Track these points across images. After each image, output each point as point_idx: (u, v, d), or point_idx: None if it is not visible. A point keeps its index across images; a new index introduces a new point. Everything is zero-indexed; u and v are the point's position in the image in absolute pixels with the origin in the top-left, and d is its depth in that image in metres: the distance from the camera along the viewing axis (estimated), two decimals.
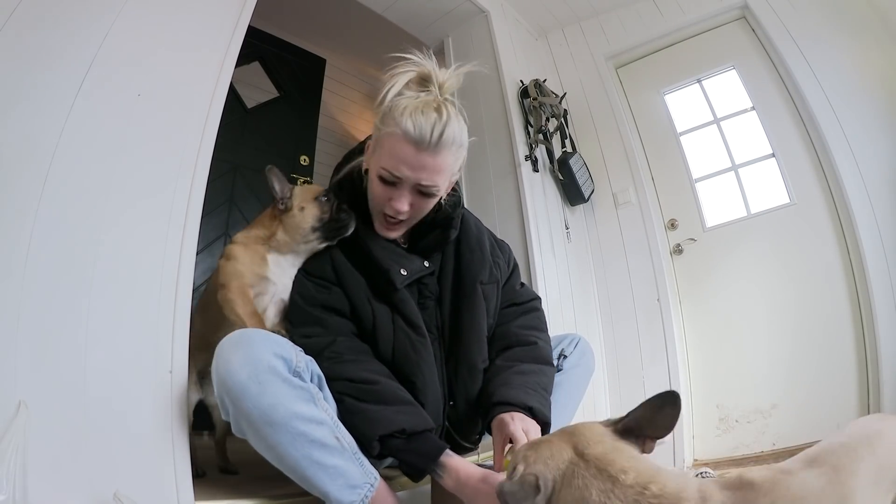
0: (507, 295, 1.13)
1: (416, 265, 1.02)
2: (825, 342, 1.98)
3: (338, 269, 1.01)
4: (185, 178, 1.04)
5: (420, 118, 0.87)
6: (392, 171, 0.90)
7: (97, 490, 0.78)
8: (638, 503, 0.46)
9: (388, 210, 0.95)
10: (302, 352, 0.86)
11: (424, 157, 0.89)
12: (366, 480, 0.85)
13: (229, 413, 0.81)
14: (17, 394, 0.74)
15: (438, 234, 1.05)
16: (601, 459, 0.51)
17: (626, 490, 0.47)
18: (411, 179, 0.91)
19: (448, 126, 0.88)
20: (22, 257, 0.80)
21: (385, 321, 0.98)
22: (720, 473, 1.70)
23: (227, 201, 2.63)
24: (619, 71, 2.65)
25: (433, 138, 0.87)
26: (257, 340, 0.81)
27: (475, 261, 1.07)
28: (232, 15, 1.27)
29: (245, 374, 0.77)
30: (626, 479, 0.48)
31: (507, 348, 1.04)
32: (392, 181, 0.92)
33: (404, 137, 0.88)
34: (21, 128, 0.85)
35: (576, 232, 2.40)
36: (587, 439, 0.54)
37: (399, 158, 0.89)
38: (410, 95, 0.92)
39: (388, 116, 0.90)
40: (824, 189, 2.08)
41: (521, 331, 1.07)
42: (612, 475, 0.49)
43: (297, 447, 0.79)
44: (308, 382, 0.83)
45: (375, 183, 0.95)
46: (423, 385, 0.97)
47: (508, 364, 1.00)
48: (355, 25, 2.95)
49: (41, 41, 0.91)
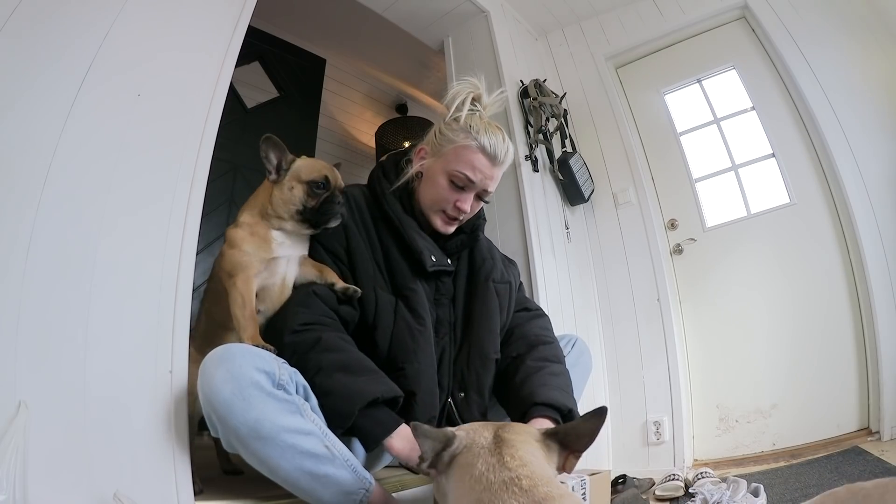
0: (520, 302, 1.22)
1: (443, 259, 1.11)
2: (825, 342, 1.99)
3: (351, 252, 1.06)
4: (184, 178, 1.04)
5: (494, 138, 1.07)
6: (470, 176, 1.06)
7: (97, 490, 0.78)
8: (505, 483, 0.53)
9: (451, 210, 1.09)
10: (286, 363, 0.87)
11: (496, 169, 1.08)
12: (360, 486, 0.85)
13: (218, 430, 0.81)
14: (17, 394, 0.74)
15: (465, 238, 1.17)
16: (505, 445, 0.59)
17: (505, 472, 0.55)
18: (480, 185, 1.08)
19: (510, 147, 1.10)
20: (22, 257, 0.80)
21: (387, 309, 1.02)
22: (720, 474, 1.70)
23: (227, 201, 2.63)
24: (619, 71, 2.65)
25: (502, 155, 1.08)
26: (239, 356, 0.81)
27: (486, 263, 1.17)
28: (232, 15, 1.27)
29: (229, 390, 0.77)
30: (510, 463, 0.56)
31: (533, 347, 1.10)
32: (463, 185, 1.07)
33: (481, 151, 1.05)
34: (21, 128, 0.85)
35: (576, 232, 2.40)
36: (511, 430, 0.63)
37: (476, 167, 1.06)
38: (472, 110, 1.09)
39: (461, 130, 1.07)
40: (824, 189, 2.08)
41: (541, 332, 1.16)
42: (503, 456, 0.57)
43: (288, 459, 0.80)
44: (293, 394, 0.83)
45: (443, 185, 1.07)
46: (415, 373, 0.99)
47: (540, 364, 1.05)
48: (355, 25, 2.95)
49: (41, 41, 0.91)
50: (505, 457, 0.56)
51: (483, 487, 0.54)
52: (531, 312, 1.22)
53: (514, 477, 0.53)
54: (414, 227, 1.09)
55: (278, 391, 0.81)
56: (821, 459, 1.69)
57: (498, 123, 1.12)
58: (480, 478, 0.55)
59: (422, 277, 1.07)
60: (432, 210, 1.10)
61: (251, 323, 0.94)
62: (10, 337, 0.77)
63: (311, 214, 1.02)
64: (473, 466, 0.56)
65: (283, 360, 0.88)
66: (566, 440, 0.65)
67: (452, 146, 1.07)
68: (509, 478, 0.53)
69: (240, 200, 2.63)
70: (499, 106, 1.16)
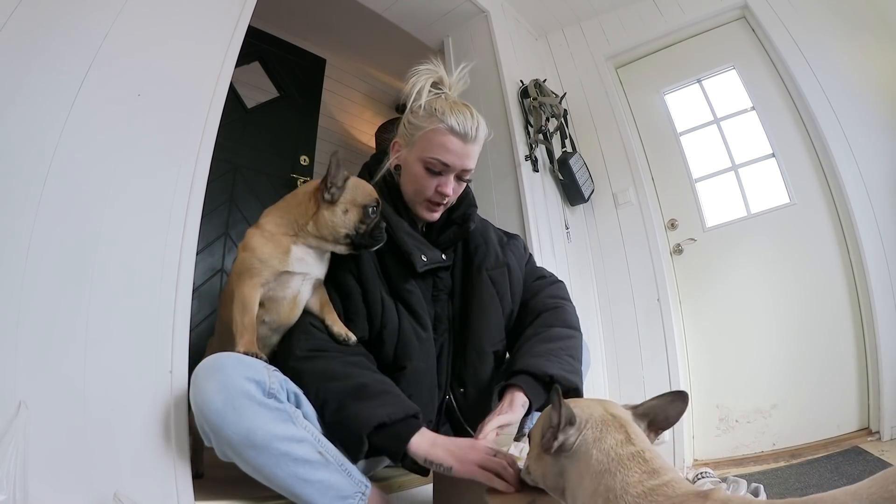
0: (532, 272, 1.21)
1: (435, 256, 1.08)
2: (825, 342, 1.99)
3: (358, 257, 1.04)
4: (184, 178, 1.04)
5: (461, 116, 1.03)
6: (442, 159, 1.03)
7: (97, 490, 0.79)
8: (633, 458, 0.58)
9: (433, 196, 1.06)
10: (277, 371, 0.87)
11: (468, 147, 1.04)
12: (356, 490, 0.86)
13: (211, 441, 0.81)
14: (17, 394, 0.75)
15: (456, 230, 1.13)
16: (623, 420, 0.64)
17: (631, 448, 0.59)
18: (457, 166, 1.04)
19: (480, 122, 1.06)
20: (22, 257, 0.80)
21: (392, 311, 1.02)
22: (720, 474, 1.70)
23: (227, 201, 2.63)
24: (619, 71, 2.65)
25: (473, 132, 1.04)
26: (229, 366, 0.81)
27: (479, 251, 1.14)
28: (232, 15, 1.27)
29: (220, 401, 0.77)
30: (635, 440, 0.61)
31: (538, 315, 1.09)
32: (439, 171, 1.04)
33: (451, 132, 1.02)
34: (21, 128, 0.85)
35: (576, 232, 2.40)
36: (614, 406, 0.68)
37: (448, 150, 1.03)
38: (436, 93, 1.07)
39: (428, 115, 1.04)
40: (824, 189, 2.08)
41: (549, 299, 1.13)
42: (628, 434, 0.61)
43: (282, 467, 0.80)
44: (284, 402, 0.83)
45: (420, 173, 1.05)
46: (416, 373, 0.99)
47: (537, 331, 1.04)
48: (355, 25, 2.95)
49: (41, 41, 0.91)
50: (630, 433, 0.61)
51: (612, 459, 0.58)
52: (546, 280, 1.20)
53: (639, 451, 0.59)
54: (404, 227, 1.07)
55: (269, 400, 0.81)
56: (821, 459, 1.69)
57: (465, 101, 1.09)
58: (609, 452, 0.59)
59: (417, 277, 1.07)
60: (416, 200, 1.08)
61: (248, 329, 0.92)
62: (10, 337, 0.77)
63: (360, 238, 0.98)
64: (603, 442, 0.61)
65: (275, 368, 0.88)
66: (655, 419, 0.69)
67: (421, 132, 1.04)
68: (636, 451, 0.59)
69: (240, 200, 2.64)
70: (464, 84, 1.12)
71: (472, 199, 1.19)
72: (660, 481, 0.55)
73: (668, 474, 0.56)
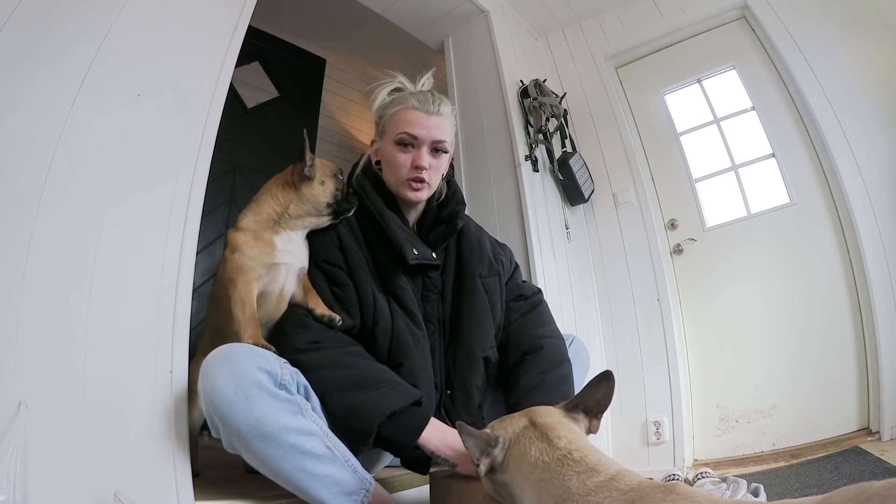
0: (513, 290, 1.19)
1: (426, 252, 1.08)
2: (825, 342, 1.99)
3: (346, 251, 1.06)
4: (185, 178, 1.04)
5: (419, 95, 1.08)
6: (409, 131, 1.05)
7: (97, 490, 0.78)
8: (560, 461, 0.59)
9: (411, 172, 1.07)
10: (287, 363, 0.87)
11: (433, 118, 1.07)
12: (361, 486, 0.86)
13: (219, 431, 0.81)
14: (17, 394, 0.75)
15: (444, 229, 1.13)
16: (546, 427, 0.65)
17: (556, 451, 0.61)
18: (427, 137, 1.06)
19: (442, 99, 1.09)
20: (22, 257, 0.80)
21: (384, 308, 1.02)
22: (720, 473, 1.70)
23: (227, 201, 2.63)
24: (619, 71, 2.65)
25: (435, 105, 1.07)
26: (241, 355, 0.81)
27: (474, 256, 1.14)
28: (232, 15, 1.27)
29: (231, 390, 0.77)
30: (558, 443, 0.62)
31: (526, 355, 1.06)
32: (410, 142, 1.06)
33: (412, 108, 1.06)
34: (21, 128, 0.85)
35: (576, 232, 2.40)
36: (539, 414, 0.69)
37: (412, 122, 1.05)
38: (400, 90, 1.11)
39: (390, 105, 1.08)
40: (824, 189, 2.08)
41: (535, 332, 1.11)
42: (550, 439, 0.63)
43: (290, 459, 0.80)
44: (295, 394, 0.83)
45: (395, 154, 1.07)
46: (413, 369, 0.98)
47: (536, 380, 1.01)
48: (355, 25, 2.95)
49: (41, 41, 0.91)
50: (552, 438, 0.63)
51: (542, 468, 0.60)
52: (527, 300, 1.18)
53: (565, 453, 0.60)
54: (396, 221, 1.07)
55: (280, 391, 0.81)
56: (821, 459, 1.69)
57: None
58: (537, 462, 0.61)
59: (408, 273, 1.06)
60: (398, 184, 1.09)
61: (252, 323, 0.94)
62: (10, 337, 0.77)
63: (339, 204, 1.07)
64: (527, 454, 0.62)
65: (285, 360, 0.87)
66: (588, 407, 0.72)
67: (387, 118, 1.09)
68: (562, 455, 0.60)
69: (240, 200, 2.64)
70: (427, 86, 1.15)
71: (461, 197, 1.19)
72: (604, 477, 0.55)
73: (611, 468, 0.57)
